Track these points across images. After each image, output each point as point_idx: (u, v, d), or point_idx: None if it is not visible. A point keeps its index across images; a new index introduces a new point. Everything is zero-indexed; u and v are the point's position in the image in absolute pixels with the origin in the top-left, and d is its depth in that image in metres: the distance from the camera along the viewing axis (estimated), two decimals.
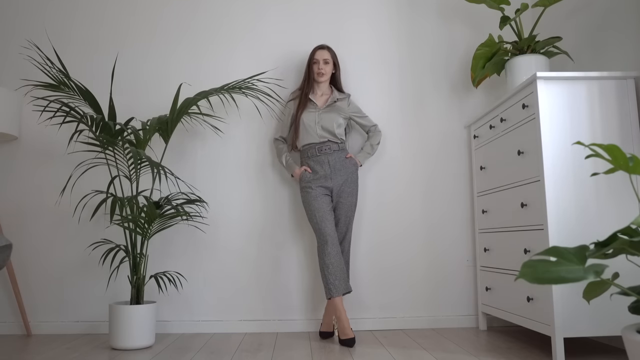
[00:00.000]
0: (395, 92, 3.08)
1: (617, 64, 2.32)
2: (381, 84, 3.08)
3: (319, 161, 2.70)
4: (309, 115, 2.74)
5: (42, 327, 2.87)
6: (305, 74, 2.81)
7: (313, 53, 2.79)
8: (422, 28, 3.14)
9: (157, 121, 2.64)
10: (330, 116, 2.72)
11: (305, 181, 2.69)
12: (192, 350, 2.39)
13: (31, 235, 2.95)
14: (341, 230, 2.69)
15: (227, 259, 2.94)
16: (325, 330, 2.63)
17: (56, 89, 2.55)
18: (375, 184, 3.00)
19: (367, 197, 2.99)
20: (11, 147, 3.02)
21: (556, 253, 1.33)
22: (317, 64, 2.76)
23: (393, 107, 3.07)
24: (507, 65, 2.61)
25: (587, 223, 2.05)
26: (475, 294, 2.93)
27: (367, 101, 3.06)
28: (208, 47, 3.11)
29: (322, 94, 2.82)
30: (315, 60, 2.77)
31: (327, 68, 2.76)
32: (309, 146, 2.73)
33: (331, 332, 2.63)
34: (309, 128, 2.72)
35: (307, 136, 2.73)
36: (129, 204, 2.54)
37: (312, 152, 2.72)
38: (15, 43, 3.09)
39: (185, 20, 3.13)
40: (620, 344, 2.30)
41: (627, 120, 2.12)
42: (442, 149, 3.05)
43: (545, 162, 2.07)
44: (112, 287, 2.91)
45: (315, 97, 2.80)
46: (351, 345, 2.40)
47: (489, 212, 2.68)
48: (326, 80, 2.80)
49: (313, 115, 2.73)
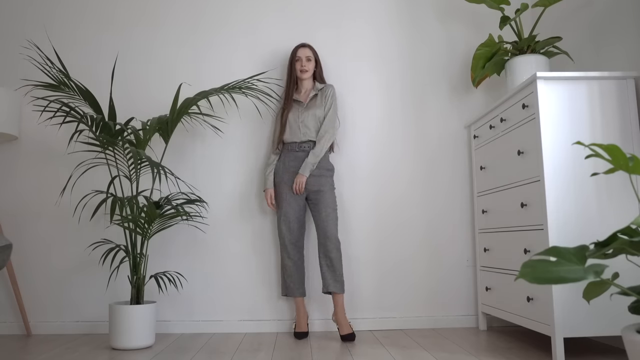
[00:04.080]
0: (395, 92, 3.08)
1: (617, 64, 2.32)
2: (381, 84, 3.08)
3: (297, 157, 2.74)
4: (294, 113, 2.78)
5: (42, 327, 2.87)
6: (288, 74, 2.85)
7: (295, 51, 2.82)
8: (422, 28, 3.14)
9: (157, 121, 2.64)
10: (312, 112, 2.76)
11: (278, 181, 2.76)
12: (192, 350, 2.39)
13: (31, 235, 2.95)
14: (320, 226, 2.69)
15: (227, 258, 2.94)
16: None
17: (56, 89, 2.55)
18: (375, 184, 3.00)
19: (366, 197, 2.98)
20: (11, 147, 3.02)
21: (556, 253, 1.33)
22: (300, 61, 2.80)
23: (393, 107, 3.07)
24: (507, 65, 2.61)
25: (587, 223, 2.05)
26: (475, 294, 2.93)
27: (367, 101, 3.06)
28: (208, 47, 3.11)
29: (304, 90, 2.86)
30: (298, 57, 2.80)
31: (310, 65, 2.80)
32: (290, 144, 2.77)
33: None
34: (293, 126, 2.76)
35: (290, 134, 2.77)
36: (129, 204, 2.54)
37: (291, 147, 2.76)
38: (15, 43, 3.09)
39: (186, 20, 3.13)
40: (620, 344, 2.30)
41: (627, 120, 2.12)
42: (442, 149, 3.05)
43: (545, 162, 2.07)
44: (112, 287, 2.91)
45: (300, 96, 2.84)
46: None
47: (489, 212, 2.68)
48: (309, 77, 2.84)
49: (297, 113, 2.77)
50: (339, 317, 2.61)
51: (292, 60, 2.83)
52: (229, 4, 3.15)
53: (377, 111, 3.06)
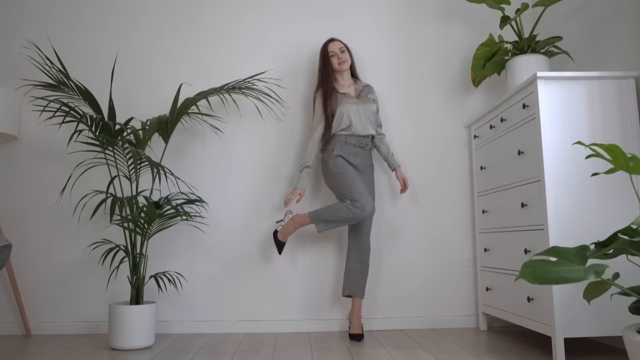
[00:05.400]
0: (395, 92, 3.08)
1: (617, 64, 2.32)
2: (381, 84, 3.08)
3: (354, 152, 2.68)
4: (347, 106, 2.66)
5: (42, 327, 2.87)
6: (321, 72, 2.76)
7: (325, 47, 2.76)
8: (423, 28, 3.14)
9: (157, 121, 2.64)
10: (368, 107, 2.70)
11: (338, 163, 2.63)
12: (192, 350, 2.39)
13: (31, 235, 2.95)
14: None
15: (227, 258, 2.94)
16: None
17: (56, 89, 2.54)
18: (374, 184, 2.99)
19: None
20: (11, 147, 3.02)
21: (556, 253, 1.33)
22: (335, 55, 2.73)
23: (393, 107, 3.07)
24: (508, 65, 2.60)
25: (587, 223, 2.05)
26: (475, 294, 2.93)
27: None
28: (208, 47, 3.10)
29: (348, 85, 2.78)
30: (332, 52, 2.74)
31: (345, 56, 2.74)
32: (349, 136, 2.66)
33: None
34: (352, 119, 2.65)
35: (349, 127, 2.65)
36: (128, 204, 2.53)
37: (350, 141, 2.66)
38: (15, 43, 3.09)
39: (186, 20, 3.13)
40: (620, 344, 2.29)
41: (627, 120, 2.12)
42: (442, 149, 3.04)
43: (546, 162, 2.07)
44: (112, 287, 2.91)
45: (344, 89, 2.75)
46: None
47: (489, 212, 2.68)
48: (348, 69, 2.77)
49: (355, 107, 2.67)
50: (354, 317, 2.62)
51: (325, 57, 2.74)
52: (230, 3, 3.14)
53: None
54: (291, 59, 3.09)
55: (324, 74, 2.74)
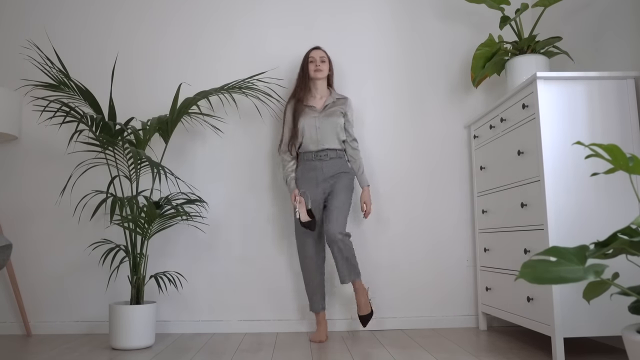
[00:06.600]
0: (395, 92, 3.08)
1: (617, 64, 2.32)
2: (381, 84, 3.08)
3: (311, 167, 2.68)
4: (308, 119, 2.69)
5: (42, 327, 2.87)
6: (299, 77, 2.78)
7: (308, 54, 2.77)
8: (422, 28, 3.14)
9: (157, 121, 2.64)
10: (330, 120, 2.69)
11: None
12: (192, 350, 2.39)
13: (31, 235, 2.95)
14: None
15: (226, 258, 2.94)
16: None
17: (56, 89, 2.55)
18: (374, 184, 2.99)
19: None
20: (11, 147, 3.02)
21: (556, 253, 1.33)
22: (314, 62, 2.73)
23: (393, 107, 3.07)
24: (507, 65, 2.61)
25: (587, 223, 2.05)
26: (475, 294, 2.93)
27: (368, 102, 3.06)
28: (208, 47, 3.11)
29: (320, 96, 2.78)
30: (312, 58, 2.74)
31: (324, 66, 2.74)
32: (306, 153, 2.71)
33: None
34: (311, 133, 2.67)
35: (305, 142, 2.69)
36: (129, 204, 2.54)
37: (307, 157, 2.70)
38: (15, 43, 3.09)
39: (186, 20, 3.13)
40: (620, 344, 2.30)
41: (627, 120, 2.12)
42: (442, 149, 3.05)
43: (545, 162, 2.07)
44: (112, 287, 2.91)
45: (314, 101, 2.76)
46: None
47: (489, 212, 2.68)
48: (323, 79, 2.77)
49: (313, 121, 2.69)
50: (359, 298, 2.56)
51: (305, 62, 2.76)
52: (230, 4, 3.15)
53: (377, 112, 3.06)
54: (291, 59, 3.09)
55: (300, 80, 2.76)
